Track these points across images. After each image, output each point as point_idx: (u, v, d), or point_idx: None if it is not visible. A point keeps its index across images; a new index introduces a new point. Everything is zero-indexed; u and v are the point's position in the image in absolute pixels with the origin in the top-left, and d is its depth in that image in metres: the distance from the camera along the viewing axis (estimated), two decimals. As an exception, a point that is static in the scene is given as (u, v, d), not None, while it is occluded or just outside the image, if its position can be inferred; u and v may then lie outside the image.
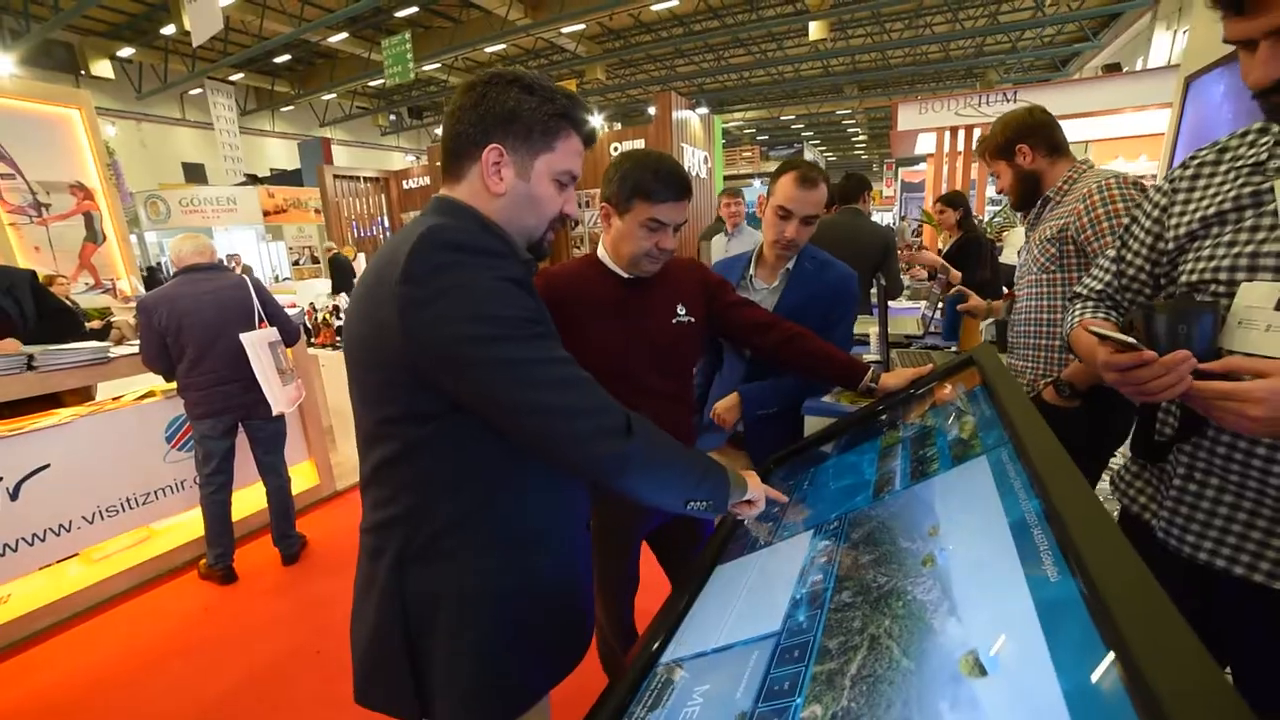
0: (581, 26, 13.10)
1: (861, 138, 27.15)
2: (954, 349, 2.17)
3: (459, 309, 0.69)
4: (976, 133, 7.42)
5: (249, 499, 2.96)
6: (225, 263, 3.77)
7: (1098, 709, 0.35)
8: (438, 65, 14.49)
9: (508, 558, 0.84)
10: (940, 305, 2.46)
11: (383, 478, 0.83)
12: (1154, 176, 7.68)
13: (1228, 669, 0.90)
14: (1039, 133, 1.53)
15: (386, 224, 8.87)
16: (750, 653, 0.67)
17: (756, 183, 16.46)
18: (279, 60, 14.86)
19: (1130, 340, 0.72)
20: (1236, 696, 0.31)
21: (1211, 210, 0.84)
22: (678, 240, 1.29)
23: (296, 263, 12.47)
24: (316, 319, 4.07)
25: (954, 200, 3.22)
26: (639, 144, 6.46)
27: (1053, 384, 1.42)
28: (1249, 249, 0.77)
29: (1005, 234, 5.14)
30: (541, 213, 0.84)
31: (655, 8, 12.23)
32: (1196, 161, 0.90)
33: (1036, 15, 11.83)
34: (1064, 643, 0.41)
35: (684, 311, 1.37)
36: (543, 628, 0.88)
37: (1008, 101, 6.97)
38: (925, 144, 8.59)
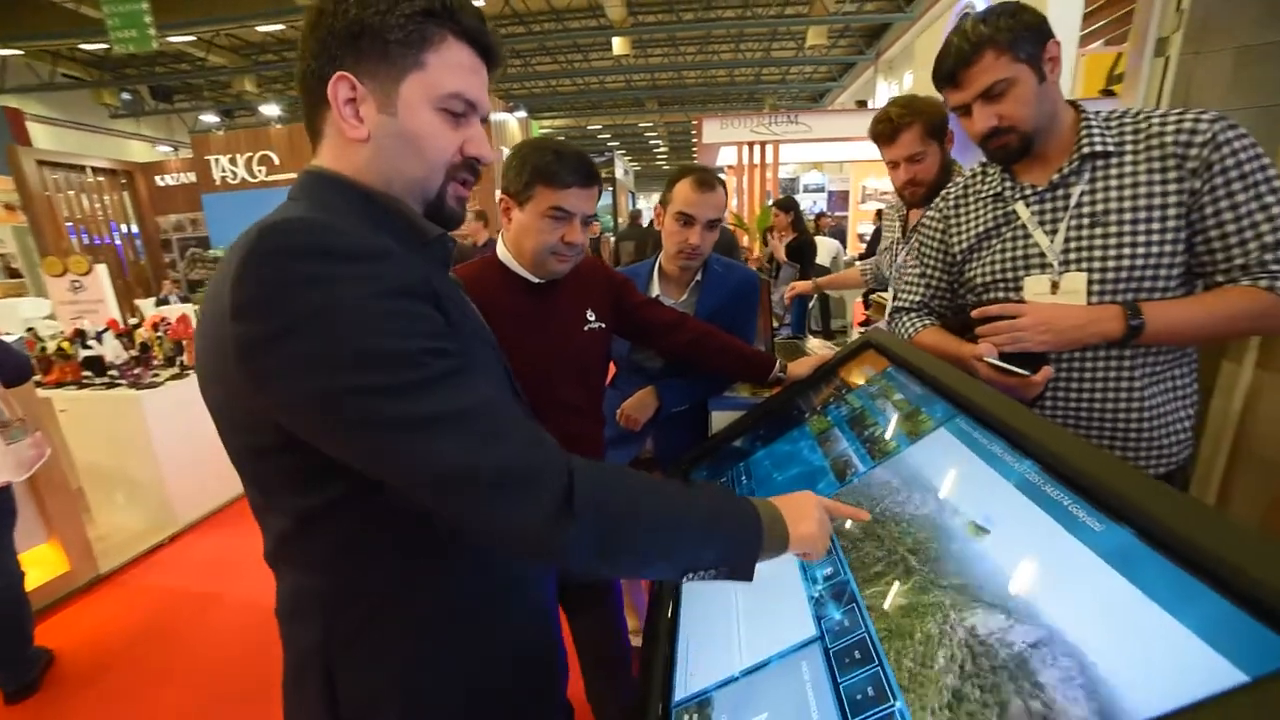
0: (375, 15, 11.89)
1: (663, 149, 29.13)
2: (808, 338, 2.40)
3: (323, 348, 0.49)
4: (769, 149, 8.43)
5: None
6: None
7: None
8: (191, 38, 11.90)
9: (463, 631, 0.66)
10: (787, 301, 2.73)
11: (284, 554, 0.63)
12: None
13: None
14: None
15: (136, 229, 7.05)
16: (796, 665, 0.63)
17: (572, 189, 16.74)
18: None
19: (1022, 372, 0.97)
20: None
21: (980, 229, 1.13)
22: (585, 238, 1.21)
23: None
24: (42, 349, 3.04)
25: (786, 204, 3.64)
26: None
27: None
28: (1018, 255, 1.07)
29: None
30: (427, 155, 0.61)
31: None
32: (953, 195, 1.21)
33: (798, 54, 13.99)
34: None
35: (594, 317, 1.30)
36: (512, 710, 0.72)
37: (792, 123, 8.03)
38: (727, 156, 9.51)
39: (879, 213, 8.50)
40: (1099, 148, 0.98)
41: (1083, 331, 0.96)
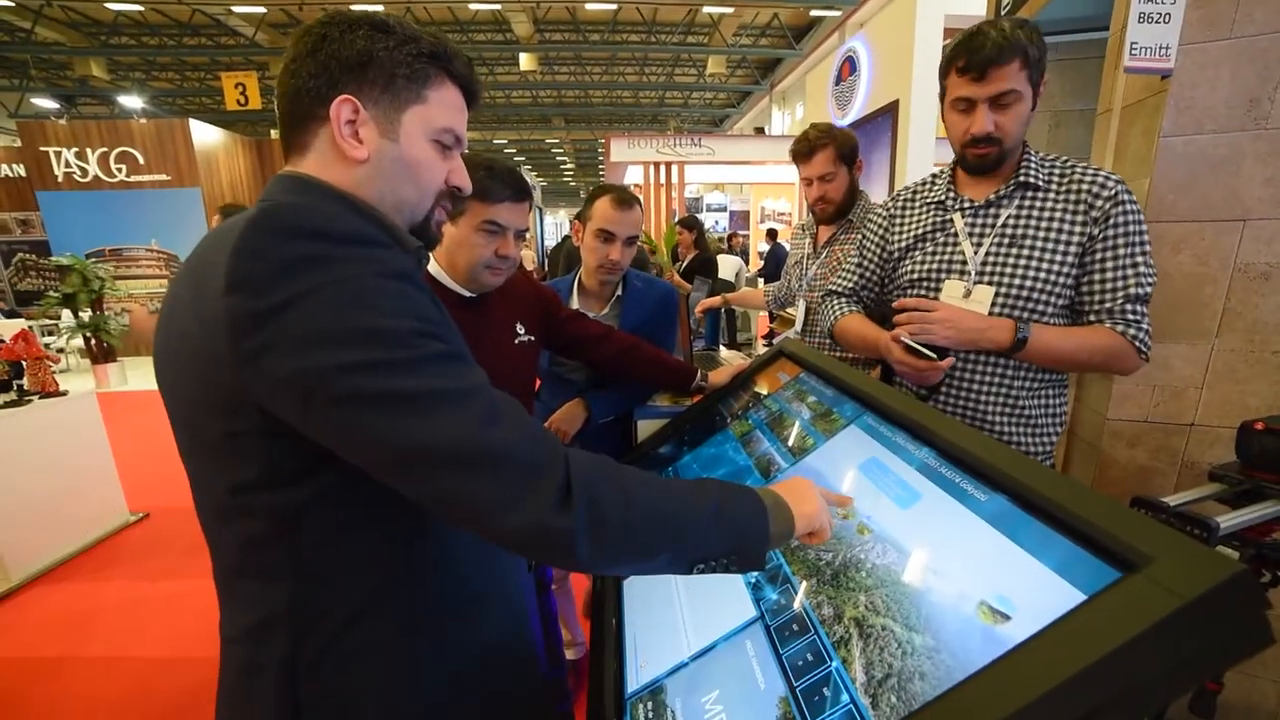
0: (261, 10, 10.98)
1: (569, 166, 29.29)
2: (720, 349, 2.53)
3: (319, 324, 0.50)
4: (674, 169, 8.76)
5: None
6: None
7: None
8: (9, 3, 10.14)
9: (438, 641, 0.65)
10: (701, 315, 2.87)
11: (250, 566, 0.60)
12: (789, 213, 10.35)
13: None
14: None
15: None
16: (741, 644, 0.69)
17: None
18: None
19: (931, 355, 1.05)
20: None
21: (919, 231, 1.24)
22: (519, 251, 1.23)
23: None
24: None
25: (689, 223, 3.82)
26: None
27: None
28: (944, 259, 1.19)
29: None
30: (421, 182, 0.67)
31: (356, 7, 11.10)
32: (902, 198, 1.31)
33: (699, 81, 14.73)
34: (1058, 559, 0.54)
35: (523, 330, 1.32)
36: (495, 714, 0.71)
37: (696, 145, 8.42)
38: (634, 175, 9.77)
39: (770, 232, 9.10)
40: (1033, 179, 1.10)
41: (980, 335, 1.07)
